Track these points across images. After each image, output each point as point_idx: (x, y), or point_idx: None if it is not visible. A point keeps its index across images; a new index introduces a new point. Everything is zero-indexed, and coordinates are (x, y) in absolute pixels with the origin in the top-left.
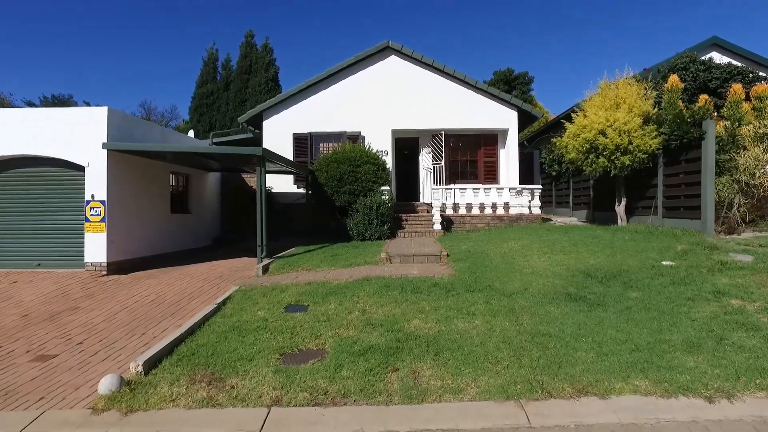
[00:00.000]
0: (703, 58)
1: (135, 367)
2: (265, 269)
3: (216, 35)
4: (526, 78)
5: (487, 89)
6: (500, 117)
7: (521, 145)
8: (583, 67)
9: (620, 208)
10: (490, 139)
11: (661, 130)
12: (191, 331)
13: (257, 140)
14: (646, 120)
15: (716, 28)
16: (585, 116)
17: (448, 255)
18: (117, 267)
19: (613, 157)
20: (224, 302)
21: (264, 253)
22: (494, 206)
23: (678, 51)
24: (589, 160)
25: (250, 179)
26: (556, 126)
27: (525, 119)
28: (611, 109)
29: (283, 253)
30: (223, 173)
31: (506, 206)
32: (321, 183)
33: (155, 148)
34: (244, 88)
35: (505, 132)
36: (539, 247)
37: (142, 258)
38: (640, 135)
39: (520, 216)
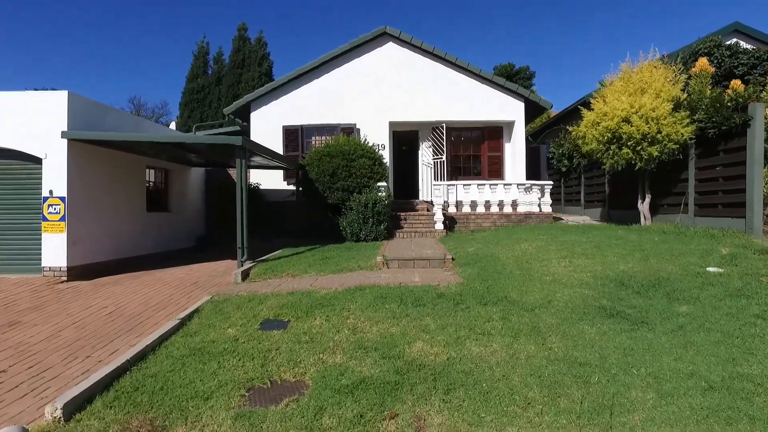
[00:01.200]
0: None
1: (52, 411)
2: (245, 275)
3: (207, 28)
4: (527, 73)
5: (492, 78)
6: (506, 108)
7: (526, 140)
8: (586, 61)
9: (644, 206)
10: (495, 133)
11: (695, 116)
12: (142, 355)
13: (245, 133)
14: (677, 106)
15: (733, 13)
16: (605, 103)
17: (453, 259)
18: (80, 272)
19: (638, 148)
20: (190, 316)
21: (245, 256)
22: (501, 204)
23: (692, 40)
24: (611, 152)
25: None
26: (565, 119)
27: (532, 111)
28: (635, 94)
29: (268, 255)
30: (207, 168)
31: (514, 204)
32: (312, 179)
33: (118, 137)
34: (237, 82)
35: (510, 125)
36: (557, 250)
37: (111, 261)
38: (670, 122)
39: (529, 214)
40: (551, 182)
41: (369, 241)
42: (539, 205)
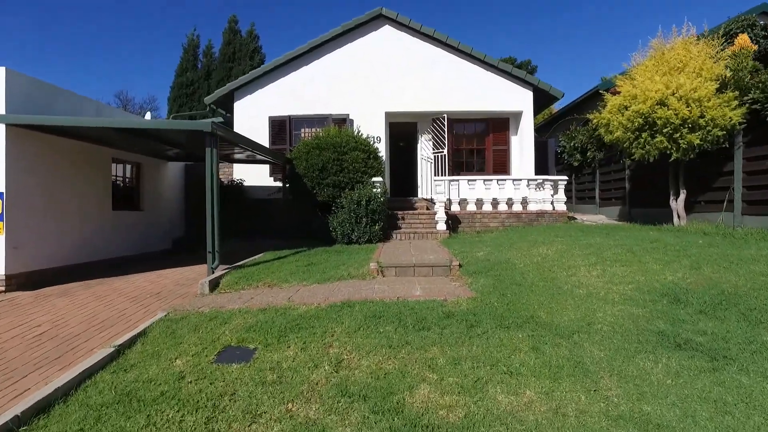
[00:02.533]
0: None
1: None
2: (214, 285)
3: (197, 20)
4: (528, 67)
5: (498, 65)
6: (513, 98)
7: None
8: (591, 54)
9: (678, 203)
10: (501, 125)
11: (745, 97)
12: (46, 405)
13: (229, 125)
14: (722, 86)
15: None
16: (634, 85)
17: (460, 266)
18: (23, 281)
19: (676, 135)
20: (132, 342)
21: (216, 263)
22: (510, 202)
23: (714, 24)
24: (641, 141)
25: (219, 170)
26: (574, 110)
27: (540, 101)
28: (670, 73)
29: (247, 260)
30: (187, 163)
31: (524, 202)
32: (300, 174)
33: (63, 122)
34: (227, 77)
35: (517, 116)
36: (583, 255)
37: (65, 268)
38: (715, 104)
39: (541, 213)
40: (565, 178)
41: (362, 243)
42: (552, 203)
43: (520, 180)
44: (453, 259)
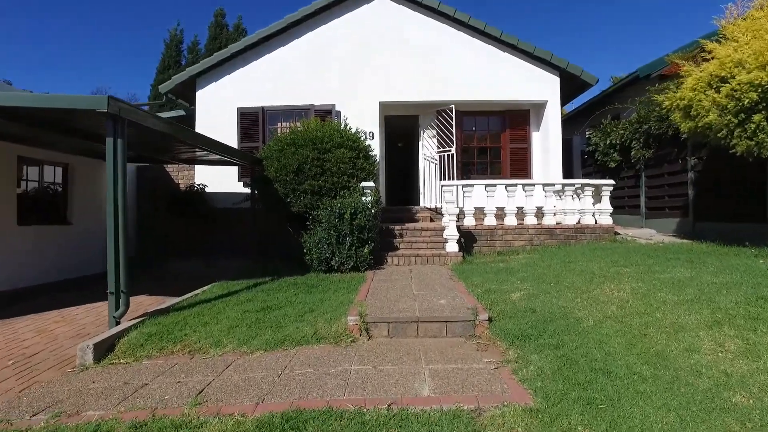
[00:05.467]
0: None
1: None
2: (107, 349)
3: (181, 14)
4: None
5: (518, 44)
6: (535, 84)
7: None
8: (601, 48)
9: None
10: (519, 118)
11: None
12: None
13: (191, 118)
14: None
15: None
16: (735, 48)
17: (490, 320)
18: None
19: None
20: None
21: (120, 309)
22: (540, 213)
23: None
24: (751, 126)
25: (178, 173)
26: (601, 104)
27: (568, 89)
28: None
29: (184, 297)
30: (139, 165)
31: (556, 213)
32: (270, 178)
33: None
34: None
35: (540, 107)
36: (683, 304)
37: None
38: None
39: (581, 228)
40: (612, 182)
41: (345, 271)
42: (593, 215)
43: (552, 185)
44: (478, 306)
